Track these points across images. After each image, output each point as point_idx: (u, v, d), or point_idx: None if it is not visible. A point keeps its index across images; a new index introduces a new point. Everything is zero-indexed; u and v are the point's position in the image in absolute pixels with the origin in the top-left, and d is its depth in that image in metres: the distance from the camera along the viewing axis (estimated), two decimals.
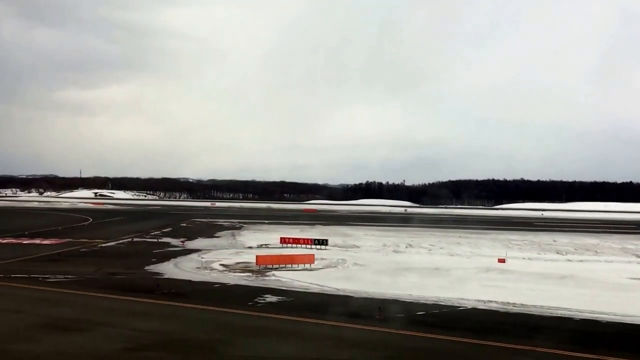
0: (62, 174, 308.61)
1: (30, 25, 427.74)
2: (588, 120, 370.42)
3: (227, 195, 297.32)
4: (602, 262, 51.33)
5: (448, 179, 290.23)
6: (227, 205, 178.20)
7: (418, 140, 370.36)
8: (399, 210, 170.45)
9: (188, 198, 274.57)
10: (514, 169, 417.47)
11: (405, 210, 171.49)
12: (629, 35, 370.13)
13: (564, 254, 57.41)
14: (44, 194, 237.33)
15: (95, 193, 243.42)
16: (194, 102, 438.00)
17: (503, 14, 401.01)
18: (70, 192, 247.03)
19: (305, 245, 56.15)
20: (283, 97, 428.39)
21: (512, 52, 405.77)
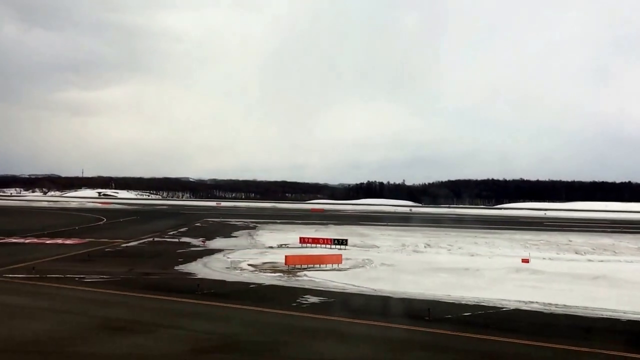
0: (63, 174, 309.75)
1: (29, 28, 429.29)
2: (584, 121, 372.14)
3: (229, 195, 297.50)
4: (622, 262, 51.39)
5: (447, 179, 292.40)
6: (232, 205, 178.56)
7: (415, 141, 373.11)
8: (404, 210, 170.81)
9: (191, 197, 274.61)
10: (511, 169, 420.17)
11: (410, 210, 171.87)
12: (622, 36, 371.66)
13: (583, 254, 57.52)
14: (48, 194, 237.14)
15: (99, 192, 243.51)
16: (193, 102, 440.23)
17: (500, 15, 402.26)
18: (74, 191, 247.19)
19: (325, 245, 56.23)
20: (281, 97, 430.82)
21: (508, 52, 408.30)
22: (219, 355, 18.36)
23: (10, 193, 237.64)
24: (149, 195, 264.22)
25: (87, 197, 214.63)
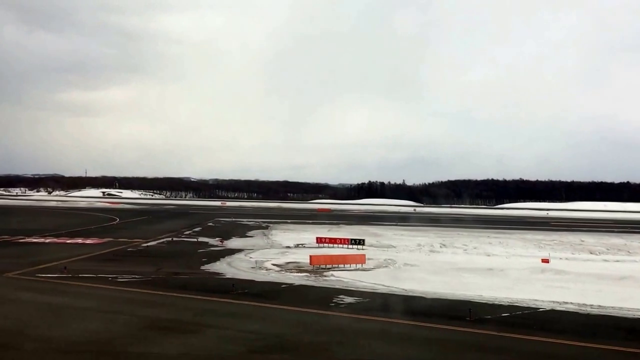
0: (65, 174, 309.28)
1: (30, 30, 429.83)
2: (582, 121, 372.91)
3: (231, 195, 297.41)
4: (639, 262, 51.78)
5: (447, 179, 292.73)
6: (238, 205, 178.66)
7: (413, 141, 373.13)
8: (409, 210, 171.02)
9: (194, 197, 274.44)
10: (510, 169, 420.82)
11: (414, 210, 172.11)
12: (621, 36, 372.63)
13: (598, 254, 57.80)
14: (53, 193, 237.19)
15: (103, 192, 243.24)
16: (193, 103, 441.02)
17: (498, 17, 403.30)
18: (79, 191, 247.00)
19: (342, 245, 56.47)
20: (281, 98, 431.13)
21: (507, 53, 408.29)
22: (276, 356, 18.58)
23: (16, 192, 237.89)
24: (153, 195, 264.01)
25: (91, 196, 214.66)
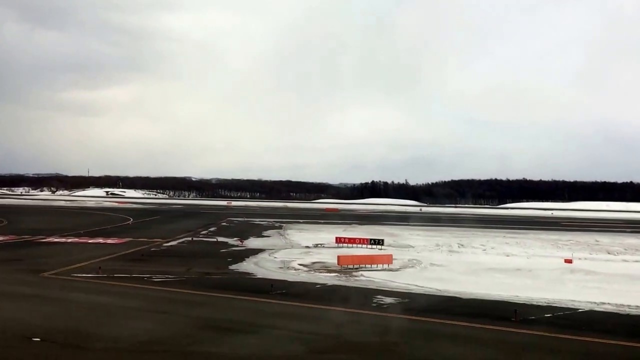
0: (67, 173, 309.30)
1: (32, 28, 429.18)
2: (585, 121, 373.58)
3: (234, 194, 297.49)
4: None
5: (449, 179, 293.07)
6: (243, 204, 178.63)
7: (415, 140, 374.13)
8: (415, 210, 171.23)
9: (197, 197, 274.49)
10: (512, 169, 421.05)
11: (421, 210, 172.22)
12: (619, 37, 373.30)
13: (616, 254, 57.86)
14: (57, 193, 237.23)
15: (107, 192, 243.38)
16: (195, 102, 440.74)
17: (500, 16, 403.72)
18: (82, 190, 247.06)
19: (361, 245, 56.52)
20: (281, 97, 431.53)
21: (506, 53, 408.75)
22: (340, 356, 18.65)
23: (20, 192, 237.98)
24: (156, 195, 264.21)
25: (96, 196, 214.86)
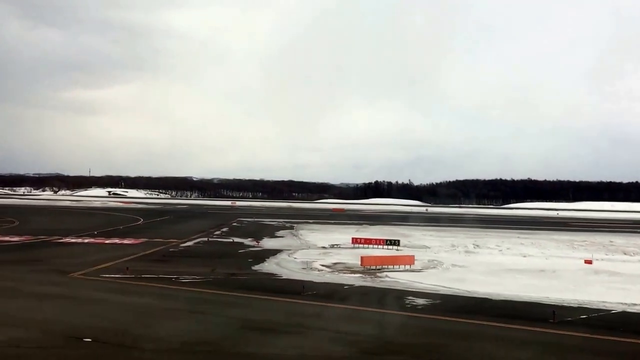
0: (67, 173, 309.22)
1: (33, 26, 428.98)
2: (590, 121, 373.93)
3: (236, 194, 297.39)
4: None
5: (452, 179, 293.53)
6: (248, 205, 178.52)
7: (418, 140, 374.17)
8: (421, 210, 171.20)
9: (199, 197, 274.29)
10: (515, 169, 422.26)
11: (427, 210, 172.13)
12: (626, 36, 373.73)
13: (632, 255, 57.80)
14: (59, 192, 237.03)
15: (109, 192, 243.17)
16: (197, 101, 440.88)
17: (504, 15, 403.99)
18: (85, 190, 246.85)
19: (377, 246, 56.38)
20: (284, 96, 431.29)
21: (512, 52, 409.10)
22: (391, 357, 18.53)
23: (23, 192, 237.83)
24: (158, 195, 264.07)
25: (99, 196, 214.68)
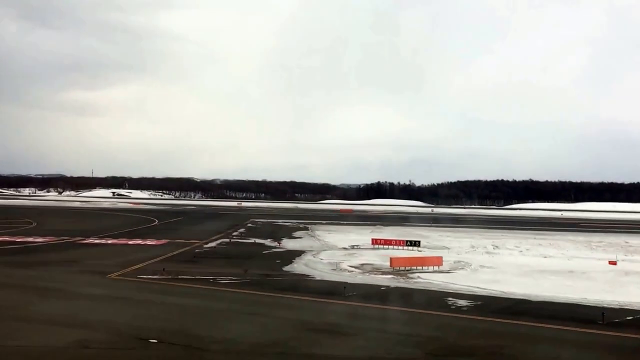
0: (69, 174, 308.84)
1: (32, 27, 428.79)
2: (591, 122, 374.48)
3: (239, 195, 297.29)
4: None
5: (456, 180, 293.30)
6: (254, 205, 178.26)
7: (418, 141, 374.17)
8: (427, 211, 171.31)
9: (203, 197, 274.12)
10: (517, 170, 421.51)
11: (432, 211, 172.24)
12: (625, 36, 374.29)
13: None
14: (63, 193, 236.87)
15: (113, 192, 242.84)
16: (196, 102, 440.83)
17: (504, 16, 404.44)
18: (89, 191, 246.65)
19: (398, 247, 56.47)
20: (284, 97, 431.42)
21: (511, 52, 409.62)
22: (458, 359, 18.69)
23: (28, 193, 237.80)
24: (162, 195, 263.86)
25: (103, 196, 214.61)
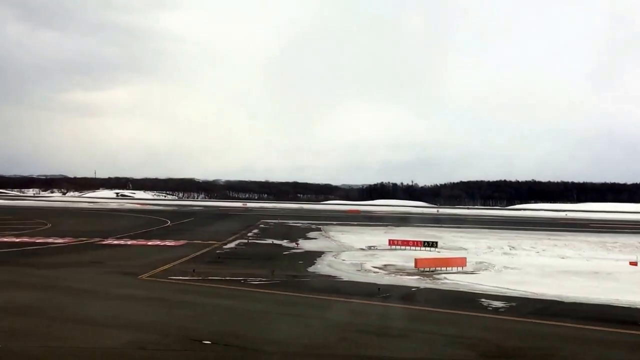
0: (72, 174, 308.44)
1: (33, 28, 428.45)
2: (593, 123, 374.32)
3: (242, 195, 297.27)
4: None
5: (459, 180, 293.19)
6: (259, 206, 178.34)
7: (420, 142, 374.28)
8: (432, 211, 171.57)
9: (205, 198, 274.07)
10: (519, 170, 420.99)
11: (438, 211, 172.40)
12: (626, 36, 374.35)
13: None
14: (67, 194, 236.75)
15: (117, 193, 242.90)
16: (198, 103, 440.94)
17: (505, 16, 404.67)
18: (93, 192, 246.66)
19: (415, 247, 56.49)
20: (285, 98, 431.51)
21: (513, 53, 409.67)
22: None
23: (33, 193, 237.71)
24: (166, 196, 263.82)
25: (107, 197, 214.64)
